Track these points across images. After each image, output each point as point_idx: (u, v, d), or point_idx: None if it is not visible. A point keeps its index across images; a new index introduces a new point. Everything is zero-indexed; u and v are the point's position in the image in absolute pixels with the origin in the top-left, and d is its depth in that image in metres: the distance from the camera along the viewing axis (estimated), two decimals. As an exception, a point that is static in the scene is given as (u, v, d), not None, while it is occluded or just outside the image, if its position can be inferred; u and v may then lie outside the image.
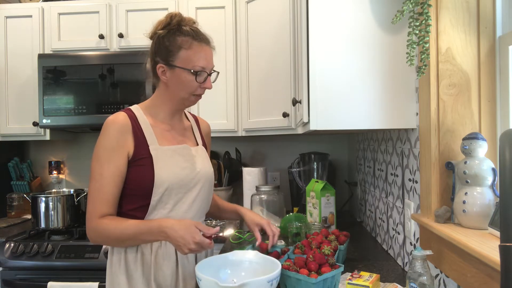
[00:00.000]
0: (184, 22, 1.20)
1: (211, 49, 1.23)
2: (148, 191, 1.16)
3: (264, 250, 1.28)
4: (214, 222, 2.10)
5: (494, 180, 0.95)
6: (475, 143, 0.96)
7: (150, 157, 1.17)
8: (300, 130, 1.69)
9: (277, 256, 1.23)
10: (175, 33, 1.19)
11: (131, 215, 1.17)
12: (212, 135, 2.17)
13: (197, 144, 1.35)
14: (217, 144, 2.66)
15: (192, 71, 1.18)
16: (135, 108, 1.24)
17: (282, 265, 1.06)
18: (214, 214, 1.51)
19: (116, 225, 1.11)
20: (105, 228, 1.11)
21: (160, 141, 1.21)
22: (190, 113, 1.44)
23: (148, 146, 1.18)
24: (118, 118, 1.17)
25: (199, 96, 1.25)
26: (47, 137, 2.37)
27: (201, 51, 1.19)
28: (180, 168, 1.20)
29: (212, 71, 1.24)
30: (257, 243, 1.30)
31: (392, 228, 1.50)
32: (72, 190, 2.27)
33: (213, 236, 1.09)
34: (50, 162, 2.67)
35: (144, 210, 1.17)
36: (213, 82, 1.28)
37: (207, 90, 1.25)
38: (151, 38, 1.24)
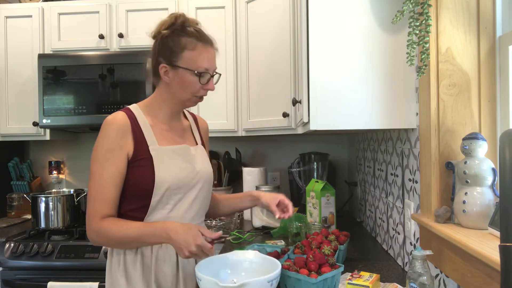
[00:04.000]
0: (188, 23, 1.20)
1: (214, 51, 1.23)
2: (148, 192, 1.15)
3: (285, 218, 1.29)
4: (214, 222, 2.10)
5: (494, 180, 0.95)
6: (475, 143, 0.96)
7: (150, 157, 1.16)
8: (300, 130, 1.69)
9: (277, 256, 1.22)
10: (179, 34, 1.18)
11: (131, 215, 1.16)
12: (212, 135, 2.17)
13: (196, 144, 1.34)
14: (217, 144, 2.66)
15: (196, 72, 1.17)
16: (133, 107, 1.23)
17: (282, 265, 1.06)
18: (219, 209, 1.45)
19: (118, 228, 1.10)
20: (107, 230, 1.10)
21: (159, 141, 1.20)
22: (189, 112, 1.43)
23: (147, 147, 1.17)
24: (117, 118, 1.16)
25: (201, 98, 1.24)
26: (47, 137, 2.37)
27: (205, 52, 1.18)
28: (180, 169, 1.20)
29: (215, 73, 1.24)
30: (276, 216, 1.28)
31: (392, 228, 1.50)
32: (72, 190, 2.27)
33: (215, 241, 1.08)
34: (50, 162, 2.67)
35: (144, 210, 1.16)
36: (215, 83, 1.28)
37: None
38: (154, 38, 1.22)
